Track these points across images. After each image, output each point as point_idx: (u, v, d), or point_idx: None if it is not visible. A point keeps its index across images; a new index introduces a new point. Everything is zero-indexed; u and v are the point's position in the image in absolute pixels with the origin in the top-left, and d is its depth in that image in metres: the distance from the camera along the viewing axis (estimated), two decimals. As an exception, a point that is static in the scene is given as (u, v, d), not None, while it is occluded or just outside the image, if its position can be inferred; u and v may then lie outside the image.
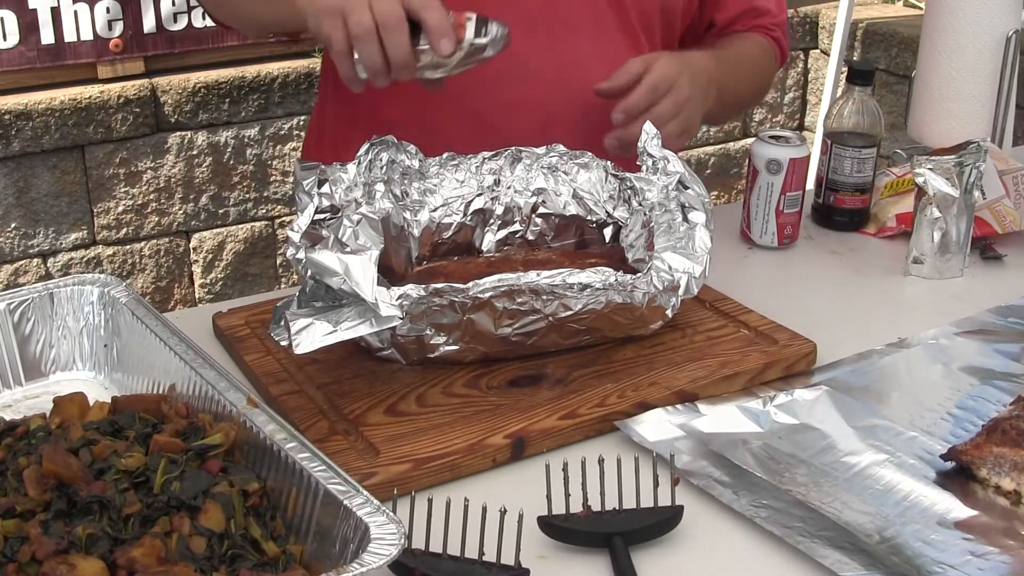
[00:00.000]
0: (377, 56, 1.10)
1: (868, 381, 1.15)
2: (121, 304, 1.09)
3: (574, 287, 1.08)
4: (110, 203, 2.85)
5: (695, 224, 1.17)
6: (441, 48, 1.11)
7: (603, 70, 1.38)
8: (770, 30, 1.55)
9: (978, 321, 1.27)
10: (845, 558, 0.87)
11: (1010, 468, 0.97)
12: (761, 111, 3.76)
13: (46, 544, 0.77)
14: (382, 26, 1.09)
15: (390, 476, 0.95)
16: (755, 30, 1.54)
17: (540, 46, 1.38)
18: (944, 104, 1.75)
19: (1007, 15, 1.68)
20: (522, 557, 0.84)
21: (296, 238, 1.07)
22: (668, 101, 1.28)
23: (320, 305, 1.02)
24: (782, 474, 0.98)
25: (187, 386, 0.98)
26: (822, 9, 3.72)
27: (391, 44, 1.09)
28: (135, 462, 0.85)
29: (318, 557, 0.82)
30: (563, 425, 1.04)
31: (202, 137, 2.91)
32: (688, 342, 1.18)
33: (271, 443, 0.88)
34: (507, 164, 1.29)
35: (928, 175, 1.36)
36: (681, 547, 0.91)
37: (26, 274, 2.81)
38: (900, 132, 2.26)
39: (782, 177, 1.43)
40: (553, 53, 1.39)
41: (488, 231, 1.29)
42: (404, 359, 1.11)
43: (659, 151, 1.25)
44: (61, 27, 2.68)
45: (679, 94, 1.29)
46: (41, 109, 2.68)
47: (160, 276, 2.98)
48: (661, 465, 0.94)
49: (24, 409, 1.04)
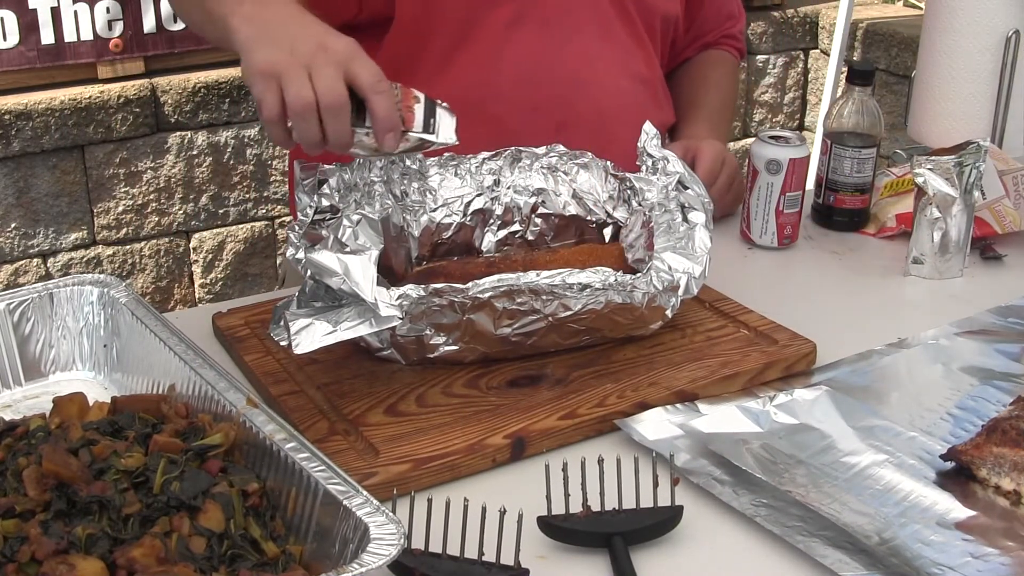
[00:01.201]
0: (315, 133, 1.03)
1: (868, 381, 1.15)
2: (121, 304, 1.09)
3: (574, 287, 1.08)
4: (110, 203, 2.85)
5: (695, 224, 1.17)
6: (386, 144, 1.04)
7: (613, 70, 1.39)
8: (736, 39, 1.71)
9: (978, 321, 1.27)
10: (845, 558, 0.87)
11: (1010, 468, 0.97)
12: (761, 111, 3.76)
13: (46, 544, 0.77)
14: (324, 106, 1.01)
15: (390, 476, 0.95)
16: (723, 41, 1.70)
17: (554, 47, 1.39)
18: (944, 104, 1.74)
19: (1007, 15, 1.68)
20: (522, 557, 0.84)
21: (296, 238, 1.07)
22: (723, 177, 1.46)
23: (320, 305, 1.03)
24: (782, 474, 0.98)
25: (187, 386, 0.98)
26: (822, 9, 3.72)
27: (331, 126, 1.02)
28: (135, 462, 0.85)
29: (318, 557, 0.82)
30: (563, 425, 1.04)
31: (202, 137, 2.91)
32: (688, 342, 1.18)
33: (271, 443, 0.88)
34: (507, 164, 1.29)
35: (928, 175, 1.36)
36: (681, 547, 0.91)
37: (26, 274, 2.81)
38: (900, 132, 2.26)
39: (782, 177, 1.43)
40: (566, 54, 1.41)
41: (488, 231, 1.29)
42: (404, 359, 1.11)
43: (659, 151, 1.25)
44: (61, 27, 2.67)
45: (728, 165, 1.47)
46: (41, 109, 2.68)
47: (160, 276, 2.98)
48: (661, 465, 0.94)
49: (24, 409, 1.04)
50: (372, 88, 1.02)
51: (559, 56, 1.41)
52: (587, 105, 1.43)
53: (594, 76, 1.43)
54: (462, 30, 1.40)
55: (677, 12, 1.56)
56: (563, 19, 1.42)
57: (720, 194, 1.45)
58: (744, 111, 3.73)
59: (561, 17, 1.42)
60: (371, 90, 1.02)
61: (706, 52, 1.69)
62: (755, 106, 3.75)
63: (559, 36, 1.41)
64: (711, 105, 1.63)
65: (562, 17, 1.42)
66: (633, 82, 1.49)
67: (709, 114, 1.61)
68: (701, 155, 1.44)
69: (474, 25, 1.40)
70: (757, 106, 3.75)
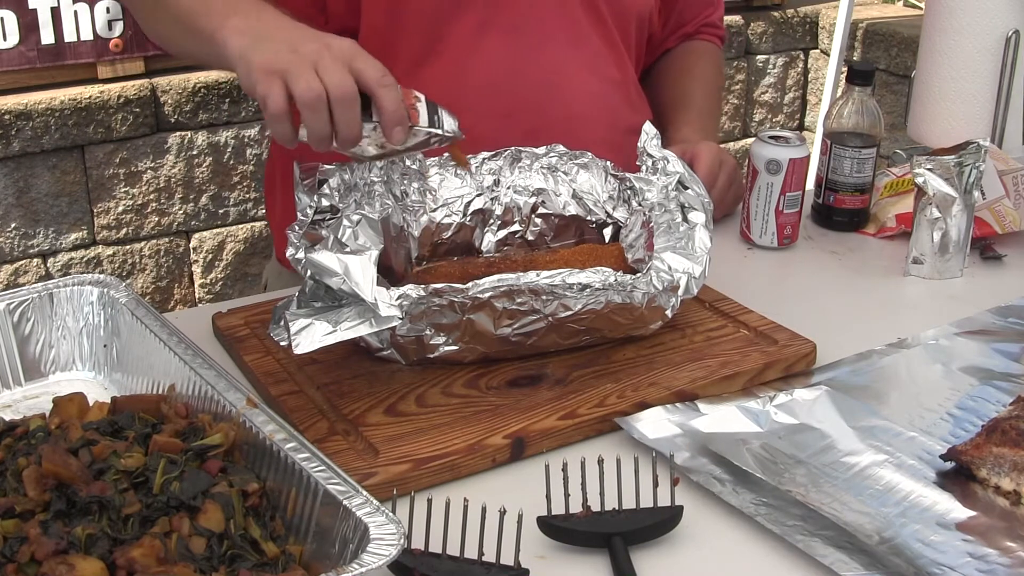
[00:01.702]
0: (325, 127, 1.02)
1: (868, 381, 1.15)
2: (121, 304, 1.09)
3: (574, 287, 1.08)
4: (110, 203, 2.85)
5: (695, 224, 1.17)
6: (394, 137, 1.04)
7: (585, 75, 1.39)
8: (716, 27, 1.71)
9: (978, 321, 1.27)
10: (845, 557, 0.87)
11: (1010, 468, 0.97)
12: (761, 111, 3.76)
13: (46, 544, 0.77)
14: (334, 98, 1.01)
15: (390, 476, 0.95)
16: (703, 31, 1.69)
17: (524, 54, 1.39)
18: (944, 104, 1.75)
19: (1007, 15, 1.68)
20: (522, 557, 0.84)
21: (295, 238, 1.07)
22: (723, 178, 1.46)
23: (320, 305, 1.02)
24: (782, 474, 0.98)
25: (187, 386, 0.98)
26: (822, 9, 3.72)
27: (342, 118, 1.02)
28: (135, 462, 0.85)
29: (318, 557, 0.82)
30: (563, 425, 1.04)
31: (202, 137, 2.91)
32: (688, 342, 1.18)
33: (270, 443, 0.88)
34: (507, 164, 1.29)
35: (928, 175, 1.36)
36: (681, 547, 0.91)
37: (26, 274, 2.81)
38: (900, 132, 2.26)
39: (782, 177, 1.43)
40: (536, 61, 1.40)
41: (488, 231, 1.29)
42: (404, 359, 1.11)
43: (659, 151, 1.25)
44: (61, 27, 2.67)
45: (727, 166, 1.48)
46: (41, 109, 2.68)
47: (160, 276, 2.98)
48: (661, 465, 0.94)
49: (24, 409, 1.04)
50: (379, 82, 1.03)
51: (529, 63, 1.40)
52: (558, 110, 1.42)
53: (565, 81, 1.42)
54: (428, 40, 1.39)
55: (651, 7, 1.56)
56: (532, 26, 1.41)
57: (720, 195, 1.46)
58: (744, 111, 3.73)
59: (530, 24, 1.41)
60: (378, 84, 1.02)
61: (688, 43, 1.69)
62: (755, 106, 3.75)
63: (528, 43, 1.41)
64: (699, 102, 1.63)
65: (531, 24, 1.41)
66: (604, 85, 1.48)
67: (698, 112, 1.60)
68: (699, 157, 1.44)
69: (441, 35, 1.39)
70: (757, 106, 3.75)
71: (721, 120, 3.68)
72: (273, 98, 1.02)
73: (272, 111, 1.03)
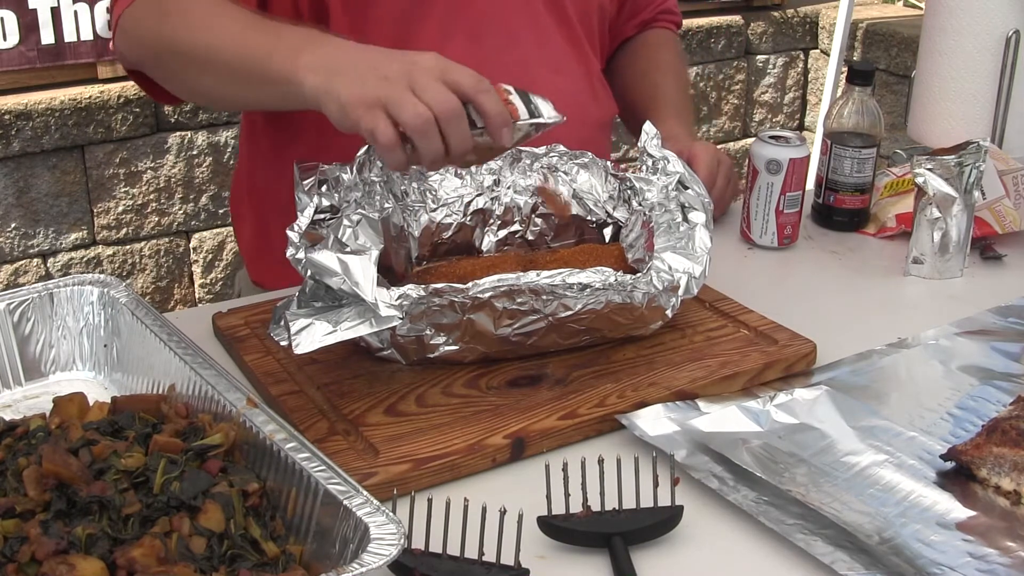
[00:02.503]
0: (440, 147, 1.02)
1: (868, 381, 1.15)
2: (121, 304, 1.09)
3: (574, 287, 1.08)
4: (110, 203, 2.85)
5: (695, 224, 1.17)
6: (503, 138, 1.04)
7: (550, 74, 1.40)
8: (673, 13, 1.71)
9: (978, 321, 1.27)
10: (845, 557, 0.87)
11: (1010, 468, 0.97)
12: (761, 111, 3.76)
13: (46, 544, 0.77)
14: (442, 118, 1.01)
15: (390, 476, 0.95)
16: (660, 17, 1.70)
17: (487, 56, 1.38)
18: (944, 104, 1.75)
19: (1007, 15, 1.68)
20: (522, 557, 0.84)
21: (296, 238, 1.07)
22: (721, 178, 1.47)
23: (320, 305, 1.02)
24: (782, 474, 0.98)
25: (187, 386, 0.98)
26: (822, 9, 3.72)
27: (453, 135, 1.02)
28: (135, 462, 0.85)
29: (318, 557, 0.82)
30: (563, 425, 1.04)
31: (202, 137, 2.91)
32: (688, 342, 1.18)
33: (271, 443, 0.88)
34: (506, 164, 1.29)
35: (928, 175, 1.36)
36: (681, 547, 0.91)
37: (26, 274, 2.81)
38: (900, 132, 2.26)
39: (782, 177, 1.43)
40: (500, 62, 1.39)
41: (488, 231, 1.29)
42: (404, 359, 1.11)
43: (659, 151, 1.25)
44: (61, 27, 2.67)
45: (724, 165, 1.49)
46: (41, 109, 2.68)
47: (160, 276, 2.98)
48: (661, 465, 0.94)
49: (24, 409, 1.04)
50: (476, 89, 1.03)
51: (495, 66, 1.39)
52: None
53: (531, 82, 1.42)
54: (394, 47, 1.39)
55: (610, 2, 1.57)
56: (496, 31, 1.41)
57: (720, 195, 1.47)
58: (744, 111, 3.73)
59: (495, 27, 1.41)
60: (476, 90, 1.02)
61: (647, 33, 1.69)
62: (755, 106, 3.76)
63: (494, 45, 1.40)
64: (672, 96, 1.62)
65: (496, 27, 1.41)
66: (569, 82, 1.48)
67: (676, 108, 1.60)
68: (698, 157, 1.44)
69: (406, 41, 1.37)
70: (757, 106, 3.75)
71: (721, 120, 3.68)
72: (382, 131, 1.01)
73: (384, 143, 1.02)
